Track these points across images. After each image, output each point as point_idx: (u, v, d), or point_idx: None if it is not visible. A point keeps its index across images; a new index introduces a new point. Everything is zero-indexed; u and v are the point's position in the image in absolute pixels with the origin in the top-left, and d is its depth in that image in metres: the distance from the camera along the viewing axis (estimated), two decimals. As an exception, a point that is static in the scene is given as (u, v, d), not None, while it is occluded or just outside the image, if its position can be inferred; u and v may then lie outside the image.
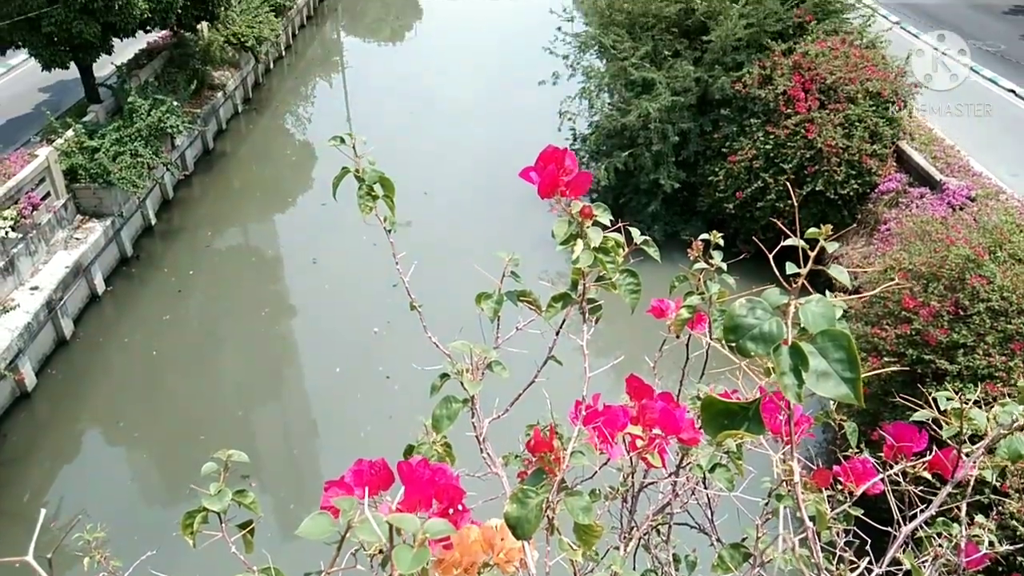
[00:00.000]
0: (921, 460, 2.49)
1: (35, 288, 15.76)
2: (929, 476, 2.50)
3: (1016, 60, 24.64)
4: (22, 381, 14.84)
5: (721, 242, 2.60)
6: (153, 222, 20.45)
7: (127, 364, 16.36)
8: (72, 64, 19.35)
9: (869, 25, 19.32)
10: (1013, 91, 22.23)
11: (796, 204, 16.67)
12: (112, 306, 17.91)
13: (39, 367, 15.54)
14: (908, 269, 11.82)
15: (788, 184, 16.42)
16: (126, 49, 22.54)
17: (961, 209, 14.33)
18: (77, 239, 17.36)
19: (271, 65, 31.18)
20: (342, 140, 2.51)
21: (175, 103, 20.33)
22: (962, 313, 10.83)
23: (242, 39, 26.26)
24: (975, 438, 2.31)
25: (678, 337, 2.84)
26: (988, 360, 10.32)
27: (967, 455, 2.35)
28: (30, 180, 16.37)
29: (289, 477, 13.71)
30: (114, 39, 19.49)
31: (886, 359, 11.16)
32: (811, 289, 1.70)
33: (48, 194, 16.98)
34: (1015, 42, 26.52)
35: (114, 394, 15.73)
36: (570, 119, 20.24)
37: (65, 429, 14.83)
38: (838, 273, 1.89)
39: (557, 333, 2.51)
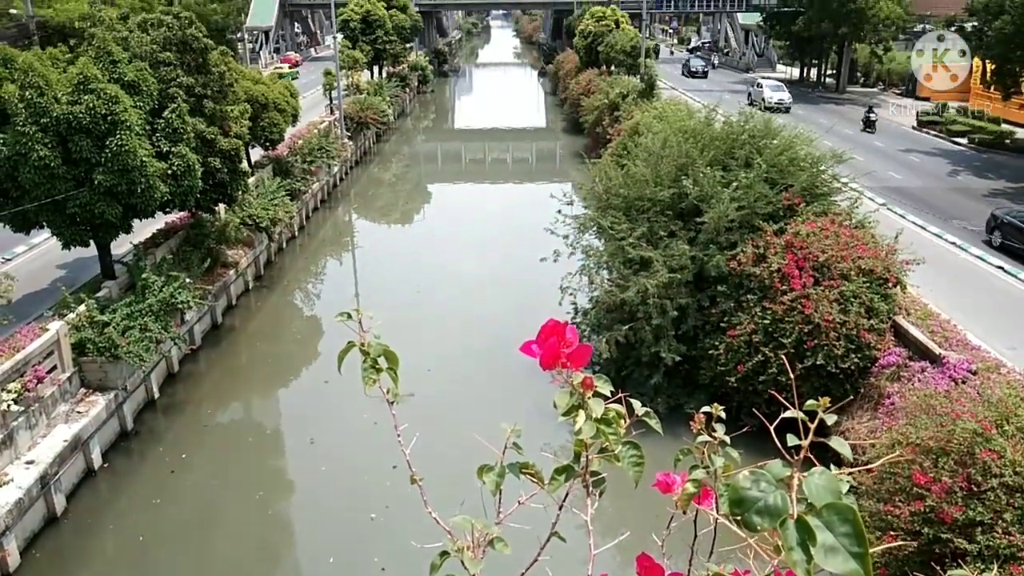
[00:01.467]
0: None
1: (31, 462, 15.48)
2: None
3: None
4: (4, 561, 14.21)
5: (723, 415, 2.61)
6: (156, 396, 20.42)
7: (113, 549, 15.72)
8: (91, 242, 20.16)
9: (856, 207, 20.25)
10: (1001, 267, 22.90)
11: (795, 378, 16.67)
12: (107, 483, 17.49)
13: (25, 545, 14.93)
14: (916, 443, 11.63)
15: (787, 358, 16.50)
16: (145, 228, 23.54)
17: (963, 383, 14.32)
18: (79, 412, 17.27)
19: (284, 244, 32.38)
20: (349, 316, 2.59)
21: (187, 279, 20.94)
22: (976, 489, 10.54)
23: (257, 220, 27.46)
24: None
25: (684, 513, 2.78)
26: (1008, 539, 9.92)
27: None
28: (38, 354, 16.54)
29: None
30: (134, 219, 20.42)
31: (902, 538, 10.73)
32: (816, 463, 1.71)
33: (54, 367, 17.10)
34: (998, 222, 27.61)
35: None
36: (571, 294, 20.73)
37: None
38: (839, 445, 1.90)
39: (560, 507, 2.47)
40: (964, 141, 42.14)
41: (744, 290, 18.51)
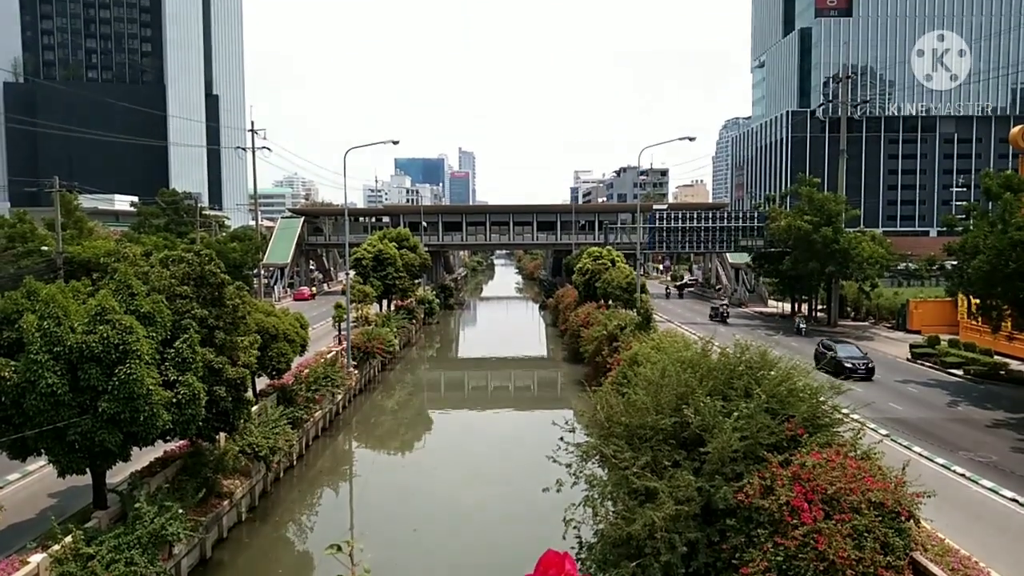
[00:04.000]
0: None
1: None
2: None
3: (1011, 470, 25.07)
4: None
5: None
6: (131, 640, 19.00)
7: None
8: (87, 470, 19.83)
9: (860, 438, 20.10)
10: (1016, 500, 22.24)
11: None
12: None
13: None
14: None
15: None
16: (143, 456, 23.24)
17: (995, 627, 13.41)
18: (45, 659, 16.02)
19: (281, 474, 31.72)
20: (339, 548, 2.60)
21: (180, 510, 20.33)
22: None
23: (257, 449, 27.17)
24: None
25: None
26: None
27: None
28: (14, 590, 15.71)
29: None
30: (133, 447, 20.24)
31: None
32: None
33: (28, 606, 16.14)
34: (1006, 453, 27.25)
35: None
36: (575, 527, 19.99)
37: None
38: None
39: None
40: (959, 372, 42.61)
41: (754, 524, 17.88)
